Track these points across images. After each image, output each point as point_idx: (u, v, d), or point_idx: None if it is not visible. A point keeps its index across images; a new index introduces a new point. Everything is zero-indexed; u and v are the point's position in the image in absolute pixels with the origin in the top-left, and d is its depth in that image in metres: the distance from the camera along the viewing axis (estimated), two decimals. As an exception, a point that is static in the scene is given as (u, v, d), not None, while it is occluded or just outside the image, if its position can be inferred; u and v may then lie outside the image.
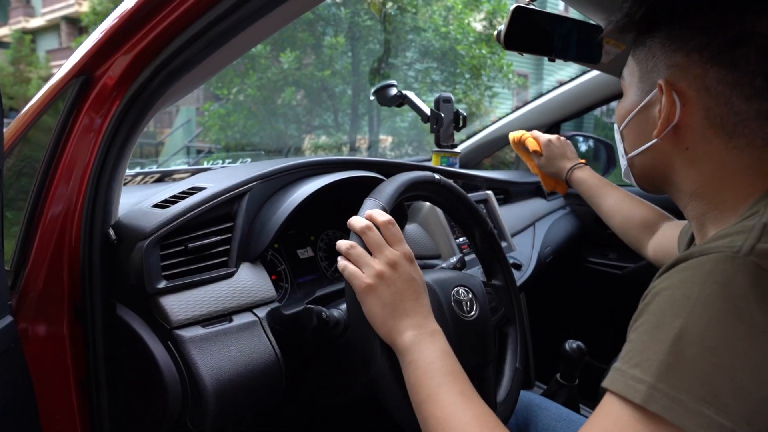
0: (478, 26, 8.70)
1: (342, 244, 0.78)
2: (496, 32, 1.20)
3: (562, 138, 1.39)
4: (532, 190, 2.07)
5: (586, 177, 1.33)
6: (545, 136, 1.39)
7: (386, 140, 9.87)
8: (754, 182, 0.63)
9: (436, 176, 0.99)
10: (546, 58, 1.29)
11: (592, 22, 1.42)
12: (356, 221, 0.78)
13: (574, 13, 1.50)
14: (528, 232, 1.78)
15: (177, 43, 0.71)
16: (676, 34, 0.65)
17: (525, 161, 1.46)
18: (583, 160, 1.37)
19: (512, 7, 1.19)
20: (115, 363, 0.84)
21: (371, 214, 0.80)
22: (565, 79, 2.40)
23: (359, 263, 0.76)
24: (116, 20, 0.75)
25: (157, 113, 0.83)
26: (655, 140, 0.69)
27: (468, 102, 9.07)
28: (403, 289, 0.75)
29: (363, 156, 5.99)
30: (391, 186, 0.89)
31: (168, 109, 13.28)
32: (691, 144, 0.66)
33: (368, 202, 0.85)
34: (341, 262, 0.77)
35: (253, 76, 8.23)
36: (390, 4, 8.57)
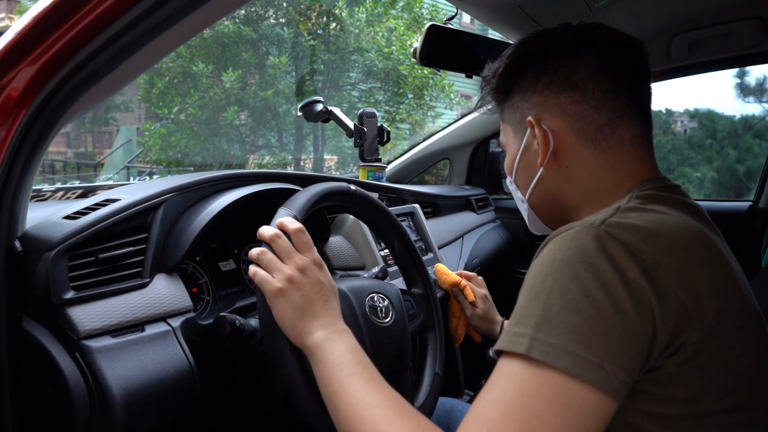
0: (413, 48, 8.89)
1: (253, 251, 0.80)
2: (412, 49, 1.26)
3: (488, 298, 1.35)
4: (462, 204, 2.14)
5: None
6: (482, 291, 1.34)
7: (332, 160, 9.90)
8: (620, 182, 0.77)
9: (352, 187, 1.02)
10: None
11: (506, 40, 1.50)
12: (265, 230, 0.82)
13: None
14: (456, 244, 1.83)
15: (82, 55, 0.72)
16: (527, 86, 0.81)
17: (452, 305, 1.35)
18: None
19: (427, 25, 1.25)
20: (20, 379, 0.82)
21: (282, 222, 0.83)
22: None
23: (270, 269, 0.79)
24: (20, 31, 0.75)
25: (96, 133, 0.83)
26: (541, 169, 0.82)
27: (411, 122, 9.23)
28: (312, 292, 0.78)
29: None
30: (303, 196, 0.92)
31: (107, 129, 12.89)
32: (569, 160, 0.79)
33: (281, 211, 0.88)
34: (252, 268, 0.80)
35: (194, 96, 8.12)
36: (333, 24, 8.68)
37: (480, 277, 1.40)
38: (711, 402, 0.62)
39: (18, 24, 0.75)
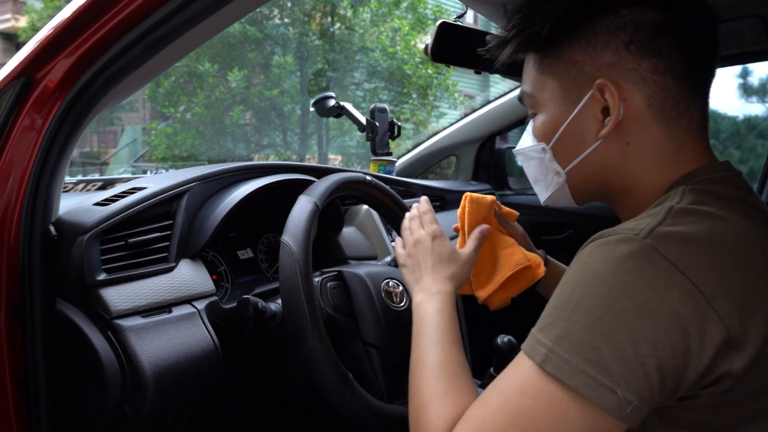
0: (423, 44, 8.94)
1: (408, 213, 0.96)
2: (423, 46, 1.30)
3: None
4: (469, 199, 2.17)
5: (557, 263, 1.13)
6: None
7: (335, 159, 9.95)
8: (678, 165, 0.68)
9: (367, 177, 1.06)
10: (490, 79, 1.39)
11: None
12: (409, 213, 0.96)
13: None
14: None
15: (116, 48, 0.76)
16: (596, 39, 0.67)
17: (499, 238, 0.98)
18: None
19: (438, 22, 1.29)
20: (54, 358, 0.86)
21: (416, 205, 0.95)
22: (509, 99, 2.53)
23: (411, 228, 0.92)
24: (58, 25, 0.79)
25: (101, 132, 0.87)
26: (599, 142, 0.70)
27: (415, 121, 9.28)
28: (423, 259, 0.87)
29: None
30: (323, 184, 0.96)
31: (113, 128, 12.96)
32: (633, 136, 0.68)
33: (302, 198, 0.92)
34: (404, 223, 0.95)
35: (200, 95, 8.18)
36: (338, 24, 8.72)
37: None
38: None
39: (56, 18, 0.79)
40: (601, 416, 0.55)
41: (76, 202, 0.97)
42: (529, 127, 0.78)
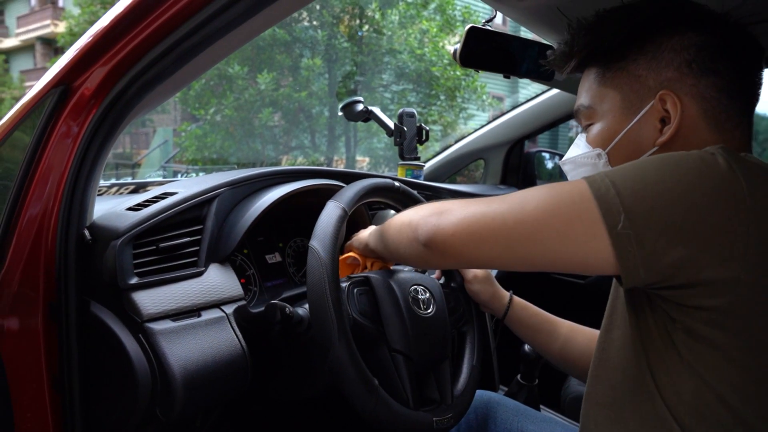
0: (452, 49, 8.91)
1: None
2: (452, 50, 1.29)
3: None
4: (497, 203, 2.15)
5: (526, 305, 1.12)
6: None
7: (363, 161, 9.97)
8: None
9: (396, 183, 1.06)
10: (519, 81, 1.38)
11: (543, 41, 1.52)
12: None
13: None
14: (491, 242, 1.85)
15: (150, 57, 0.78)
16: (661, 57, 0.74)
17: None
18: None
19: (467, 27, 1.28)
20: (87, 358, 0.88)
21: None
22: (538, 100, 2.51)
23: None
24: (94, 35, 0.81)
25: (134, 134, 0.89)
26: (654, 149, 0.75)
27: (443, 123, 9.25)
28: None
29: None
30: (351, 190, 0.97)
31: (144, 130, 13.24)
32: (687, 145, 0.72)
33: (330, 203, 0.92)
34: None
35: (230, 97, 8.30)
36: (366, 27, 8.75)
37: None
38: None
39: (94, 28, 0.81)
40: (600, 225, 0.61)
41: (110, 206, 0.99)
42: (581, 138, 0.84)
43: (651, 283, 0.64)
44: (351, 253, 1.06)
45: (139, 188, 1.52)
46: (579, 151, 0.83)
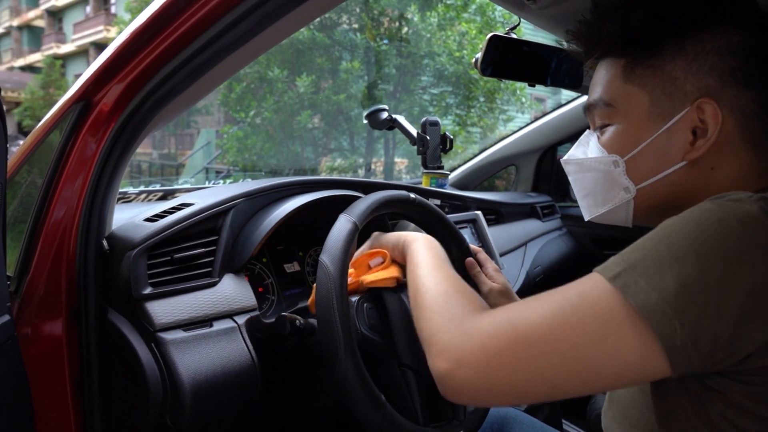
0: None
1: None
2: (474, 59, 1.28)
3: None
4: (526, 211, 2.12)
5: None
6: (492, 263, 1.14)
7: (402, 163, 9.97)
8: (754, 190, 0.64)
9: (411, 195, 1.05)
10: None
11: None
12: None
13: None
14: (519, 251, 1.82)
15: (162, 74, 0.80)
16: (704, 60, 0.65)
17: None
18: None
19: (488, 36, 1.26)
20: (106, 363, 0.91)
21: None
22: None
23: None
24: (111, 52, 0.84)
25: (179, 135, 0.91)
26: (683, 163, 0.67)
27: (482, 126, 9.16)
28: None
29: (378, 179, 6.10)
30: (364, 203, 0.96)
31: (189, 131, 13.59)
32: (720, 162, 0.66)
33: (341, 217, 0.93)
34: None
35: (270, 100, 8.43)
36: (405, 29, 8.75)
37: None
38: None
39: (111, 45, 0.84)
40: (651, 341, 0.53)
41: (134, 214, 1.02)
42: (592, 138, 0.75)
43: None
44: (378, 252, 0.98)
45: (167, 195, 1.56)
46: (590, 154, 0.74)
